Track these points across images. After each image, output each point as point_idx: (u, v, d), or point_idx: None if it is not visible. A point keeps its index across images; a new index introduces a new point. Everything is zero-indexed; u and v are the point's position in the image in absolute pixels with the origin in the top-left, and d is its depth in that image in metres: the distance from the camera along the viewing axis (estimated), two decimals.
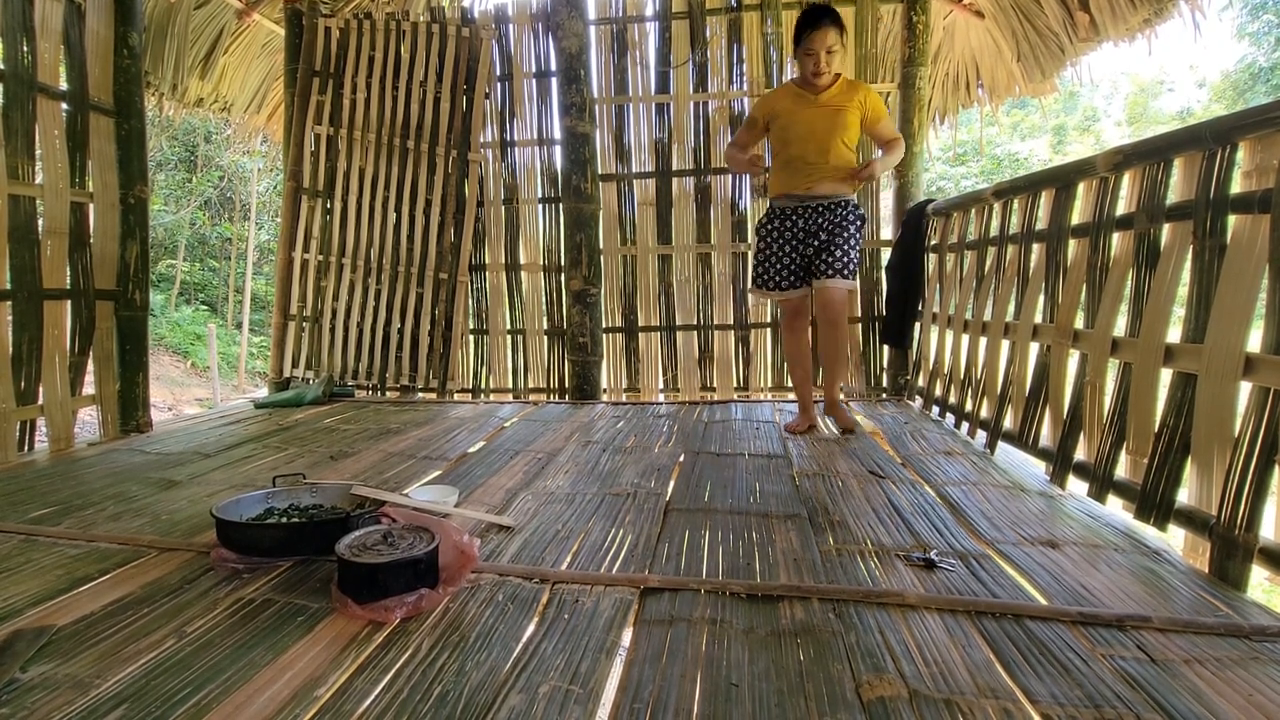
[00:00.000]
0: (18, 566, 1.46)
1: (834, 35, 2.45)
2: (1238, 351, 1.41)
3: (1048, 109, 13.98)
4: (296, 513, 1.62)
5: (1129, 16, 3.22)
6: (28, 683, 1.02)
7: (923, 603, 1.26)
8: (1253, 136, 1.43)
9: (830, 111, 2.57)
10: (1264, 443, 1.31)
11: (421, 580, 1.26)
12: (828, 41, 2.45)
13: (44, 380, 2.50)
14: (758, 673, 1.05)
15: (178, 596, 1.31)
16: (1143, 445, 1.68)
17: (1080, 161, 2.04)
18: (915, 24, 3.62)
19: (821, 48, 2.46)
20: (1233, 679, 1.02)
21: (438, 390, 3.93)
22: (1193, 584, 1.36)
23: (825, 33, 2.45)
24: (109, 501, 1.92)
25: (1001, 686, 1.01)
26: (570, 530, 1.67)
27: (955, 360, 2.86)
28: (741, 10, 3.82)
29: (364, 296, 3.98)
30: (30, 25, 2.44)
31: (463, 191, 4.00)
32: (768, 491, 1.98)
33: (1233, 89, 14.06)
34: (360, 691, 1.00)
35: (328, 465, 2.32)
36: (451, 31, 3.94)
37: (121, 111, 2.81)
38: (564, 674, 1.04)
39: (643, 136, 3.95)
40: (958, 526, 1.67)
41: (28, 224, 2.44)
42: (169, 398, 8.13)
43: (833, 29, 2.46)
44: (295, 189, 4.05)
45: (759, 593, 1.31)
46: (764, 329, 3.90)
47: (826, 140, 2.58)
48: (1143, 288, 1.74)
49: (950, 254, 3.11)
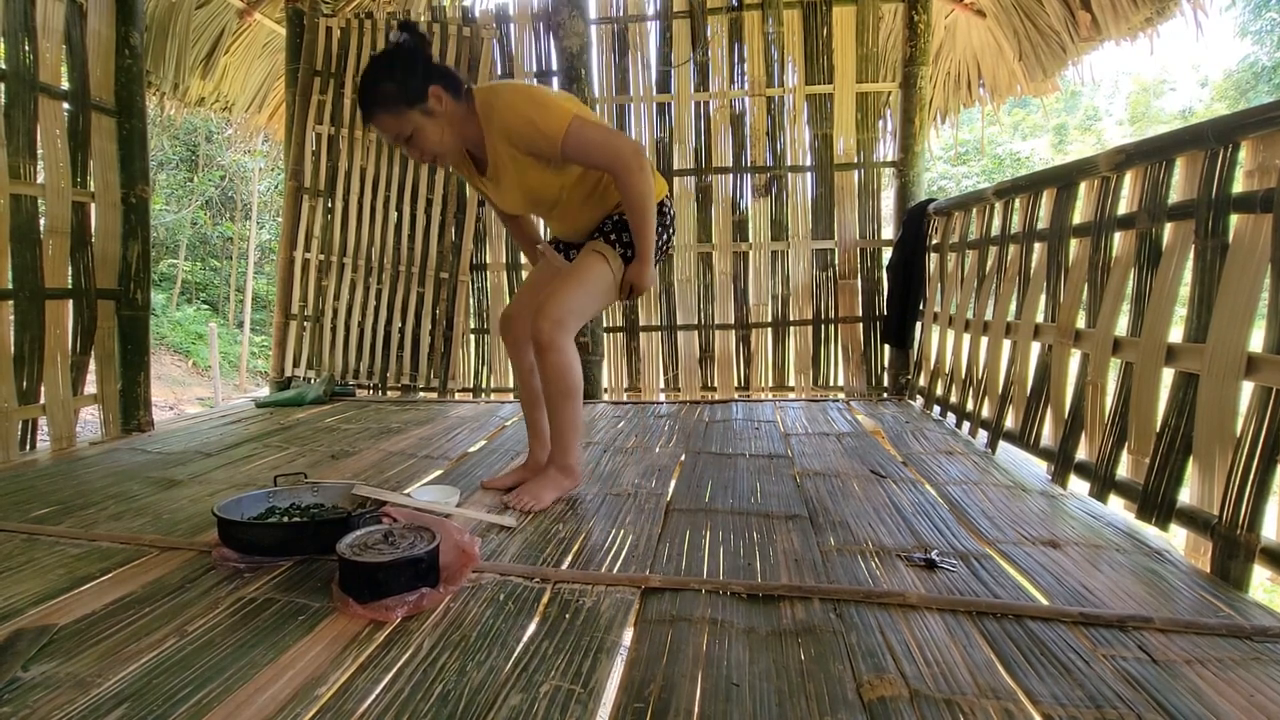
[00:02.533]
0: (19, 566, 1.46)
1: (388, 121, 1.58)
2: (1239, 351, 1.40)
3: (1049, 108, 13.96)
4: (298, 512, 1.62)
5: (1131, 15, 3.21)
6: (29, 682, 1.02)
7: (924, 603, 1.26)
8: (1255, 136, 1.43)
9: (506, 178, 1.71)
10: (1266, 443, 1.31)
11: (422, 580, 1.26)
12: (386, 130, 1.60)
13: (46, 379, 2.50)
14: (759, 672, 1.05)
15: (179, 596, 1.31)
16: (1144, 445, 1.68)
17: (1082, 161, 2.04)
18: (916, 23, 3.62)
19: (388, 137, 1.63)
20: (1234, 679, 1.02)
21: (439, 390, 3.93)
22: (1194, 584, 1.36)
23: (376, 122, 1.60)
24: (110, 501, 1.92)
25: (1003, 686, 1.01)
26: (571, 530, 1.67)
27: (956, 360, 2.86)
28: (742, 10, 3.82)
29: (365, 296, 3.98)
30: (32, 25, 2.44)
31: (464, 191, 3.99)
32: (769, 491, 1.98)
33: (1235, 88, 14.04)
34: (361, 690, 1.00)
35: (329, 464, 2.32)
36: (452, 31, 3.94)
37: (123, 111, 2.81)
38: (565, 673, 1.04)
39: (643, 136, 3.95)
40: (959, 526, 1.67)
41: (29, 223, 2.44)
42: (170, 397, 8.14)
43: (381, 115, 1.58)
44: (296, 188, 4.05)
45: (760, 593, 1.31)
46: (764, 329, 3.90)
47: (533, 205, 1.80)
48: (1144, 287, 1.74)
49: (951, 253, 3.11)
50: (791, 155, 3.85)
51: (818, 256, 3.86)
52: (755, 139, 3.87)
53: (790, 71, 3.84)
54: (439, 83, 1.58)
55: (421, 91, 1.55)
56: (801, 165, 3.85)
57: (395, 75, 1.56)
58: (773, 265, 3.89)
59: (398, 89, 1.54)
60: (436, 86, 1.57)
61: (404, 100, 1.55)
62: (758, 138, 3.86)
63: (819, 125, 3.82)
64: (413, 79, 1.55)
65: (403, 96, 1.54)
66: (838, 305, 3.85)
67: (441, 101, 1.58)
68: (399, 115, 1.56)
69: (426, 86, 1.56)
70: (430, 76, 1.58)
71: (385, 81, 1.55)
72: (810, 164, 3.85)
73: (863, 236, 3.83)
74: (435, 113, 1.57)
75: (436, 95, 1.57)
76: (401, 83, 1.55)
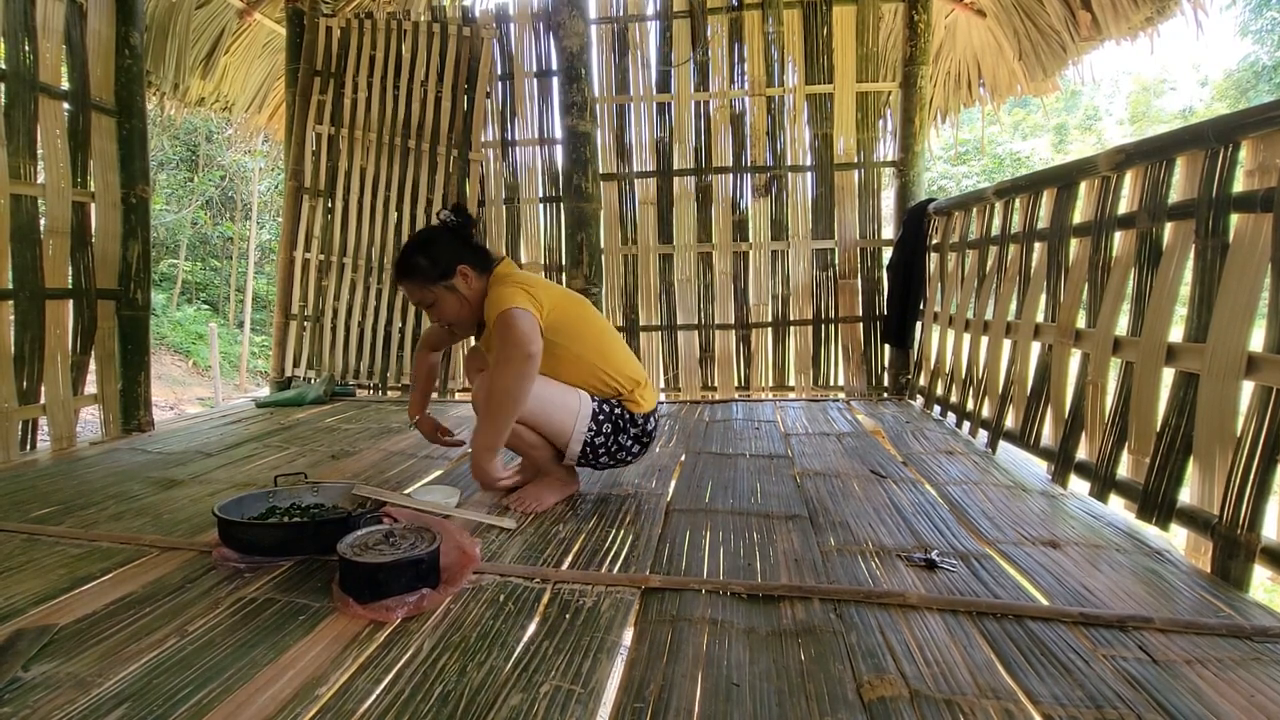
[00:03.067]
0: (20, 566, 1.46)
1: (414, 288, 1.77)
2: (1240, 351, 1.40)
3: (1049, 108, 13.96)
4: (298, 512, 1.62)
5: (1131, 15, 3.21)
6: (30, 681, 1.02)
7: (924, 603, 1.26)
8: (1255, 135, 1.43)
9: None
10: (1266, 442, 1.31)
11: (423, 580, 1.26)
12: (411, 294, 1.80)
13: (46, 379, 2.50)
14: (759, 673, 1.05)
15: (179, 595, 1.31)
16: (1144, 445, 1.68)
17: (1082, 160, 2.04)
18: (917, 23, 3.62)
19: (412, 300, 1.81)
20: (1234, 680, 1.02)
21: (439, 390, 3.93)
22: (1194, 584, 1.36)
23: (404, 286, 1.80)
24: (110, 501, 1.92)
25: (1003, 687, 1.01)
26: (571, 530, 1.67)
27: (956, 359, 2.86)
28: (742, 9, 3.82)
29: (365, 296, 3.99)
30: (32, 25, 2.44)
31: (464, 191, 4.00)
32: (769, 491, 1.98)
33: (1235, 87, 14.03)
34: (362, 691, 1.00)
35: (329, 464, 2.32)
36: (452, 31, 3.94)
37: (123, 111, 2.82)
38: (565, 674, 1.04)
39: (644, 136, 3.95)
40: (959, 526, 1.67)
41: (30, 224, 2.44)
42: (170, 397, 8.14)
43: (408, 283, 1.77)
44: (297, 188, 4.05)
45: (760, 593, 1.31)
46: (765, 329, 3.90)
47: None
48: (1144, 287, 1.74)
49: (951, 253, 3.11)
50: (791, 155, 3.85)
51: (818, 256, 3.86)
52: (755, 139, 3.87)
53: (790, 71, 3.84)
54: (469, 262, 1.75)
55: (450, 269, 1.74)
56: (801, 165, 3.85)
57: (430, 252, 1.75)
58: (773, 265, 3.89)
59: (429, 265, 1.74)
60: (465, 266, 1.74)
61: (432, 276, 1.74)
62: (758, 137, 3.86)
63: (819, 125, 3.82)
64: (444, 258, 1.73)
65: (432, 272, 1.74)
66: (838, 305, 3.85)
67: (468, 279, 1.75)
68: (424, 287, 1.75)
69: (456, 265, 1.74)
70: (462, 257, 1.75)
71: (420, 256, 1.75)
72: (810, 164, 3.85)
73: (863, 236, 3.83)
74: (459, 289, 1.75)
75: (464, 274, 1.75)
76: (433, 260, 1.74)
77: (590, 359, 1.81)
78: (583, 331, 1.81)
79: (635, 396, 1.85)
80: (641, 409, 1.85)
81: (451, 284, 1.74)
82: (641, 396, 1.86)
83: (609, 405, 1.82)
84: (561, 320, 1.76)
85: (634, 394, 1.85)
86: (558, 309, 1.76)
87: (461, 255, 1.75)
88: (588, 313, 1.87)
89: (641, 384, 1.87)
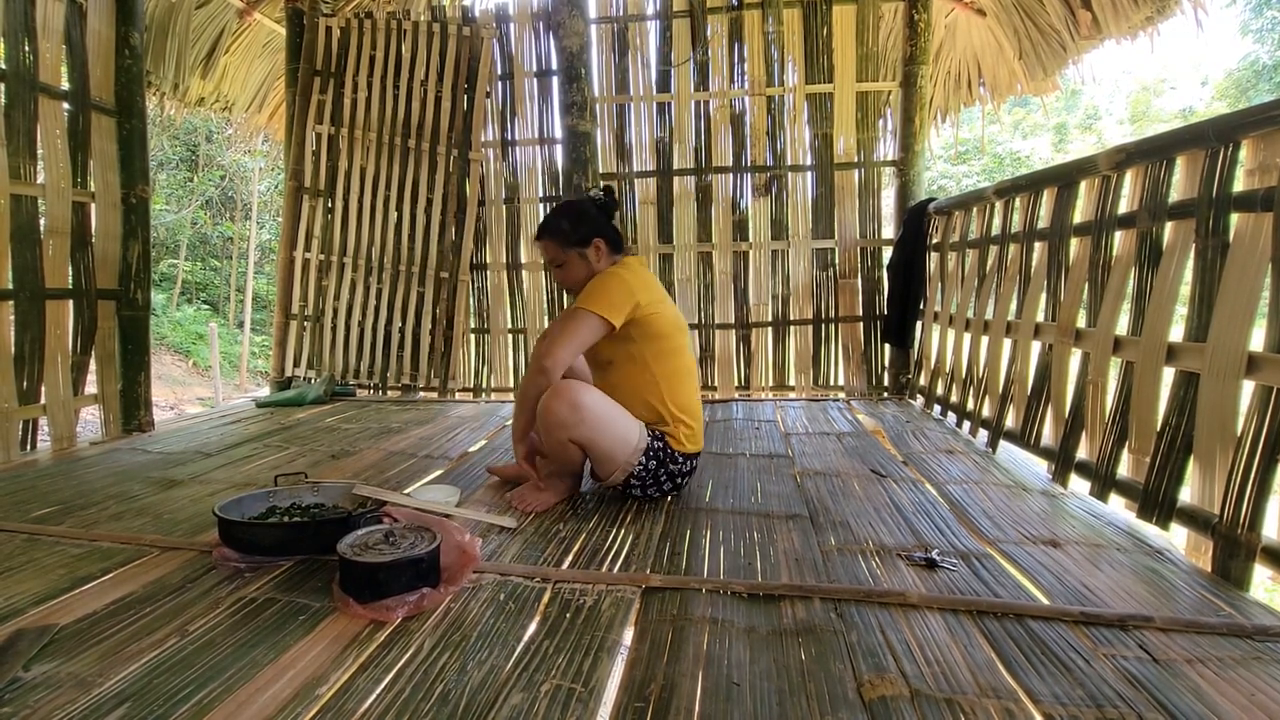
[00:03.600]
0: (20, 566, 1.46)
1: (551, 247, 1.88)
2: (1240, 350, 1.40)
3: (1049, 107, 13.94)
4: (298, 512, 1.62)
5: (1131, 14, 3.21)
6: (30, 681, 1.02)
7: (924, 602, 1.26)
8: (1255, 135, 1.43)
9: None
10: (1266, 442, 1.31)
11: (423, 580, 1.26)
12: (546, 252, 1.91)
13: (46, 380, 2.50)
14: (759, 672, 1.05)
15: (180, 595, 1.31)
16: (1145, 444, 1.68)
17: (1082, 160, 2.04)
18: (917, 22, 3.62)
19: (545, 258, 1.94)
20: (1235, 679, 1.02)
21: (439, 389, 3.93)
22: (1195, 583, 1.36)
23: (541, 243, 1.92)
24: (111, 501, 1.92)
25: (1003, 686, 1.01)
26: (572, 530, 1.67)
27: (957, 359, 2.86)
28: (742, 9, 3.82)
29: (365, 296, 3.99)
30: (32, 25, 2.44)
31: (464, 190, 4.00)
32: (769, 491, 1.98)
33: (1236, 87, 14.02)
34: (362, 690, 1.00)
35: (329, 464, 2.32)
36: (452, 30, 3.94)
37: (123, 111, 2.82)
38: (565, 673, 1.04)
39: (644, 135, 3.95)
40: (959, 526, 1.67)
41: (30, 224, 2.44)
42: (171, 397, 8.14)
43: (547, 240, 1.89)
44: (296, 188, 4.05)
45: (760, 592, 1.31)
46: (765, 328, 3.90)
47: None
48: (1145, 286, 1.73)
49: (952, 253, 3.11)
50: (791, 155, 3.85)
51: (818, 256, 3.86)
52: (755, 138, 3.87)
53: (790, 71, 3.83)
54: (605, 238, 1.88)
55: (587, 240, 1.86)
56: (801, 165, 3.85)
57: (574, 219, 1.89)
58: (773, 265, 3.89)
59: (570, 230, 1.87)
60: (600, 240, 1.87)
61: (570, 241, 1.87)
62: (758, 137, 3.86)
63: (819, 125, 3.81)
64: (584, 228, 1.87)
65: (571, 237, 1.87)
66: (838, 305, 3.85)
67: (599, 253, 1.88)
68: (560, 249, 1.88)
69: (593, 238, 1.86)
70: (601, 231, 1.88)
71: (564, 220, 1.89)
72: (810, 163, 3.85)
73: (863, 236, 3.83)
74: (589, 259, 1.87)
75: (597, 247, 1.87)
76: (575, 227, 1.87)
77: (655, 375, 1.83)
78: (664, 349, 1.84)
79: (681, 435, 1.85)
80: (685, 449, 1.86)
81: (584, 253, 1.87)
82: (687, 437, 1.87)
83: (658, 443, 1.82)
84: (652, 328, 1.81)
85: (679, 431, 1.85)
86: (657, 316, 1.82)
87: (601, 230, 1.88)
88: (681, 342, 1.89)
89: (693, 426, 1.88)
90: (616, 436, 1.76)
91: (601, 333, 1.76)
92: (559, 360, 1.74)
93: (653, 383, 1.83)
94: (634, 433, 1.78)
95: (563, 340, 1.75)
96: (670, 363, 1.85)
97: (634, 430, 1.79)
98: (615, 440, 1.76)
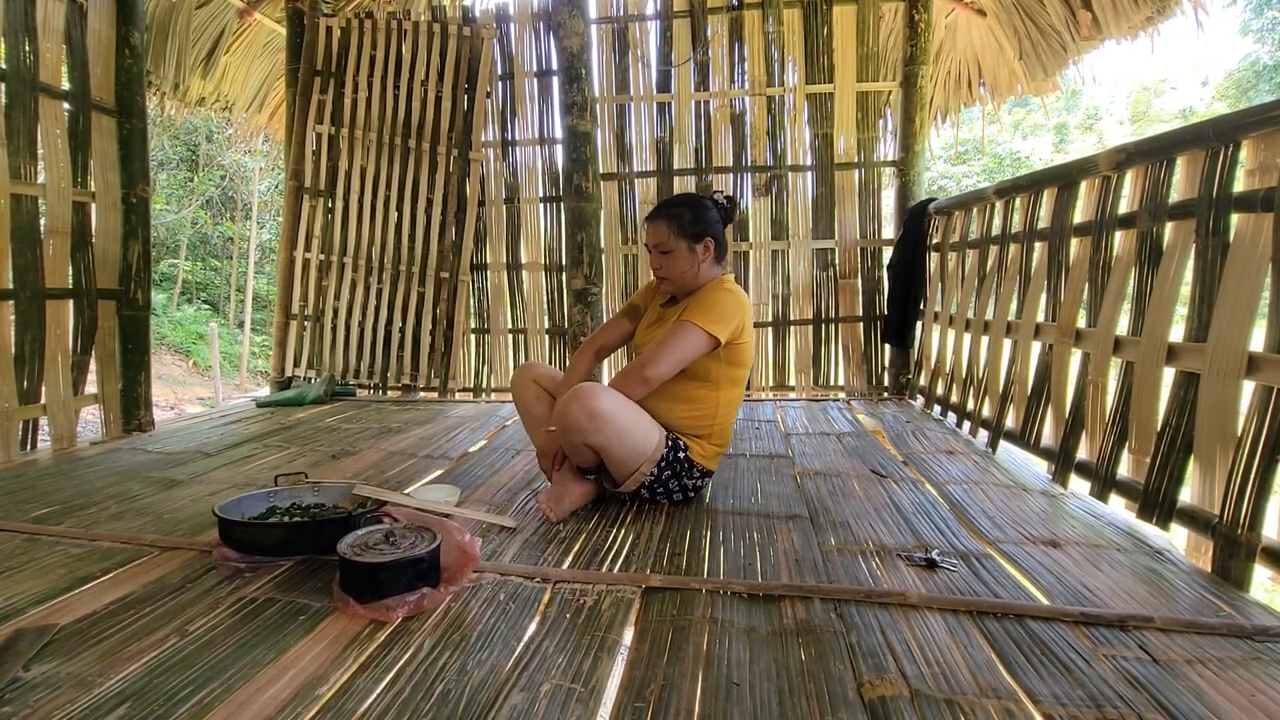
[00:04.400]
0: (20, 565, 1.46)
1: (664, 230, 1.84)
2: (1240, 350, 1.40)
3: (1050, 107, 13.94)
4: (298, 512, 1.62)
5: (1131, 14, 3.21)
6: (30, 681, 1.02)
7: (924, 602, 1.26)
8: (1256, 135, 1.43)
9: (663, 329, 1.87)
10: (1266, 442, 1.31)
11: (423, 579, 1.26)
12: (656, 234, 1.85)
13: (46, 379, 2.50)
14: (759, 672, 1.05)
15: (180, 595, 1.31)
16: (1145, 444, 1.68)
17: (1082, 160, 2.04)
18: (917, 22, 3.62)
19: (652, 241, 1.87)
20: (1235, 679, 1.02)
21: (439, 389, 3.93)
22: (1195, 584, 1.36)
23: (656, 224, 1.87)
24: (111, 500, 1.92)
25: (1003, 686, 1.01)
26: (572, 530, 1.67)
27: (957, 359, 2.86)
28: (742, 9, 3.82)
29: (365, 296, 3.99)
30: (32, 25, 2.44)
31: (464, 190, 4.00)
32: (769, 491, 1.98)
33: (1236, 87, 14.01)
34: (362, 690, 1.00)
35: (329, 464, 2.32)
36: (453, 31, 3.94)
37: (123, 111, 2.82)
38: (566, 673, 1.04)
39: (644, 135, 3.95)
40: (959, 526, 1.67)
41: (30, 224, 2.44)
42: (171, 397, 8.13)
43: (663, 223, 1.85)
44: (297, 188, 4.05)
45: (760, 592, 1.31)
46: (765, 328, 3.90)
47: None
48: (1145, 287, 1.73)
49: (952, 253, 3.11)
50: (792, 155, 3.85)
51: (818, 256, 3.86)
52: (755, 138, 3.87)
53: (790, 71, 3.83)
54: (716, 239, 1.88)
55: (701, 235, 1.85)
56: (802, 165, 3.85)
57: (697, 212, 1.86)
58: (773, 265, 3.89)
59: (691, 221, 1.84)
60: (711, 240, 1.86)
61: (686, 230, 1.84)
62: (758, 137, 3.86)
63: (819, 125, 3.81)
64: (703, 224, 1.85)
65: (689, 228, 1.84)
66: (838, 305, 3.85)
67: (708, 250, 1.86)
68: (675, 235, 1.84)
69: (705, 235, 1.85)
70: (714, 233, 1.87)
71: (687, 210, 1.86)
72: (810, 163, 3.85)
73: (863, 236, 3.83)
74: (697, 255, 1.85)
75: (707, 245, 1.86)
76: (695, 219, 1.85)
77: (718, 397, 1.84)
78: (736, 377, 1.86)
79: (709, 451, 1.86)
80: (706, 465, 1.86)
81: (695, 247, 1.84)
82: (714, 455, 1.88)
83: (675, 454, 1.80)
84: (738, 355, 1.82)
85: (708, 448, 1.85)
86: (745, 346, 1.83)
87: (716, 231, 1.87)
88: (747, 374, 1.92)
89: (721, 448, 1.90)
90: (633, 445, 1.73)
91: (707, 349, 1.75)
92: (662, 374, 1.73)
93: (713, 401, 1.85)
94: (651, 441, 1.76)
95: (672, 354, 1.73)
96: (735, 391, 1.87)
97: (652, 438, 1.76)
98: (630, 450, 1.73)
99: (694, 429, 1.85)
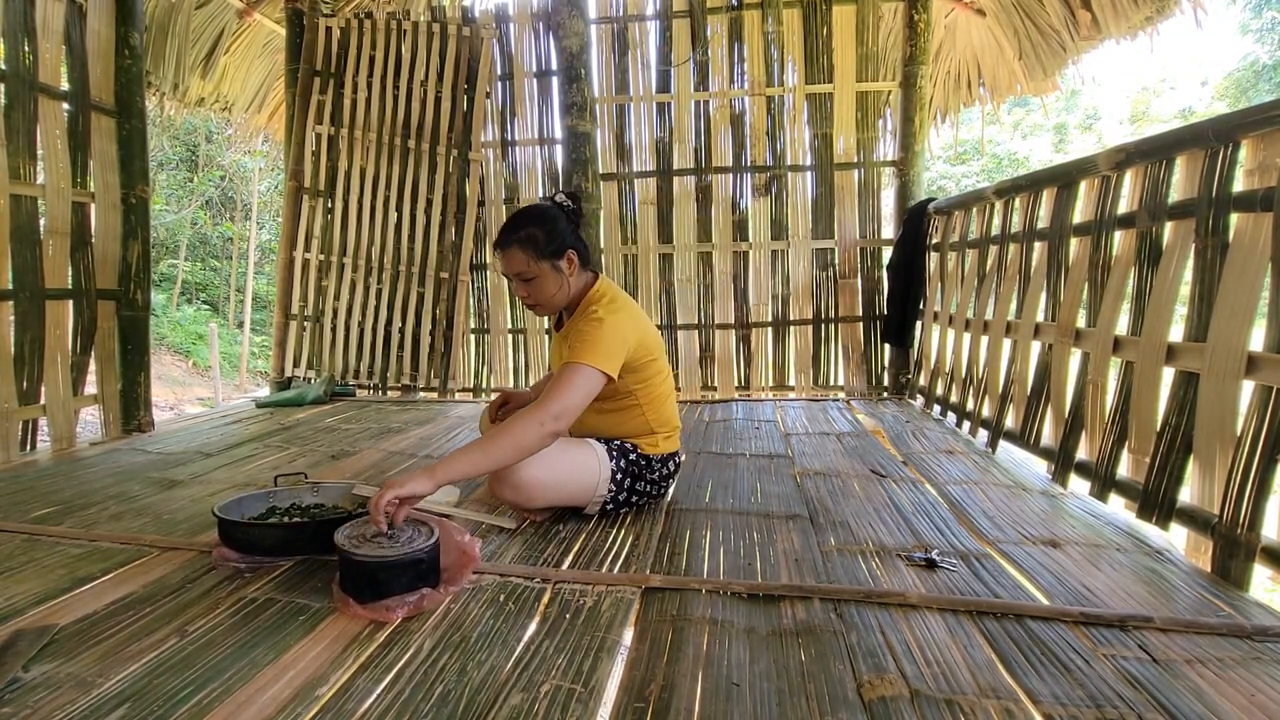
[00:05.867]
0: (20, 566, 1.46)
1: (520, 257, 1.67)
2: (1240, 350, 1.40)
3: (1049, 108, 13.94)
4: (298, 512, 1.62)
5: (1131, 14, 3.21)
6: (30, 682, 1.02)
7: (924, 602, 1.26)
8: (1255, 135, 1.43)
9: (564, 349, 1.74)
10: (1266, 441, 1.31)
11: (423, 580, 1.26)
12: (513, 264, 1.69)
13: (46, 380, 2.50)
14: (759, 672, 1.05)
15: (179, 596, 1.31)
16: (1145, 444, 1.68)
17: (1082, 160, 2.04)
18: (917, 22, 3.62)
19: (511, 271, 1.71)
20: (1235, 679, 1.02)
21: (439, 389, 3.93)
22: (1195, 584, 1.36)
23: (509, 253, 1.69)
24: (111, 501, 1.92)
25: (1003, 686, 1.01)
26: (571, 530, 1.67)
27: (956, 359, 2.86)
28: (742, 9, 3.82)
29: (365, 296, 3.99)
30: (32, 25, 2.44)
31: (464, 191, 4.00)
32: (769, 491, 1.98)
33: (1236, 87, 14.02)
34: (362, 691, 1.00)
35: (329, 464, 2.32)
36: (452, 31, 3.94)
37: (123, 111, 2.81)
38: (565, 673, 1.04)
39: (644, 135, 3.96)
40: (959, 526, 1.67)
41: (30, 224, 2.44)
42: (171, 397, 8.13)
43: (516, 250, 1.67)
44: (296, 188, 4.05)
45: (760, 592, 1.31)
46: (764, 328, 3.90)
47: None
48: (1145, 286, 1.73)
49: (951, 253, 3.11)
50: (791, 155, 3.85)
51: (818, 256, 3.86)
52: (755, 138, 3.87)
53: (790, 71, 3.84)
54: (576, 249, 1.72)
55: (561, 251, 1.70)
56: (801, 165, 3.85)
57: (549, 227, 1.69)
58: (773, 265, 3.89)
59: (545, 240, 1.68)
60: (573, 252, 1.71)
61: (545, 252, 1.68)
62: (758, 137, 3.86)
63: (819, 125, 3.82)
64: (559, 238, 1.69)
65: (546, 247, 1.68)
66: (838, 305, 3.85)
67: (571, 264, 1.72)
68: (533, 260, 1.68)
69: (566, 249, 1.70)
70: (573, 242, 1.72)
71: (538, 228, 1.68)
72: (810, 163, 3.85)
73: (863, 236, 3.83)
74: (562, 271, 1.71)
75: (569, 259, 1.71)
76: (550, 236, 1.68)
77: (641, 403, 1.77)
78: (647, 376, 1.76)
79: (659, 442, 1.81)
80: (659, 450, 1.80)
81: (558, 265, 1.70)
82: (665, 440, 1.82)
83: (627, 459, 1.76)
84: (639, 363, 1.72)
85: (657, 440, 1.81)
86: (641, 348, 1.71)
87: (573, 241, 1.72)
88: (662, 363, 1.80)
89: (673, 432, 1.85)
90: (579, 482, 1.69)
91: (602, 385, 1.61)
92: (569, 418, 1.56)
93: (638, 408, 1.79)
94: (593, 470, 1.70)
95: (572, 398, 1.55)
96: (654, 389, 1.79)
97: (592, 467, 1.71)
98: (579, 486, 1.70)
99: (634, 432, 1.81)
